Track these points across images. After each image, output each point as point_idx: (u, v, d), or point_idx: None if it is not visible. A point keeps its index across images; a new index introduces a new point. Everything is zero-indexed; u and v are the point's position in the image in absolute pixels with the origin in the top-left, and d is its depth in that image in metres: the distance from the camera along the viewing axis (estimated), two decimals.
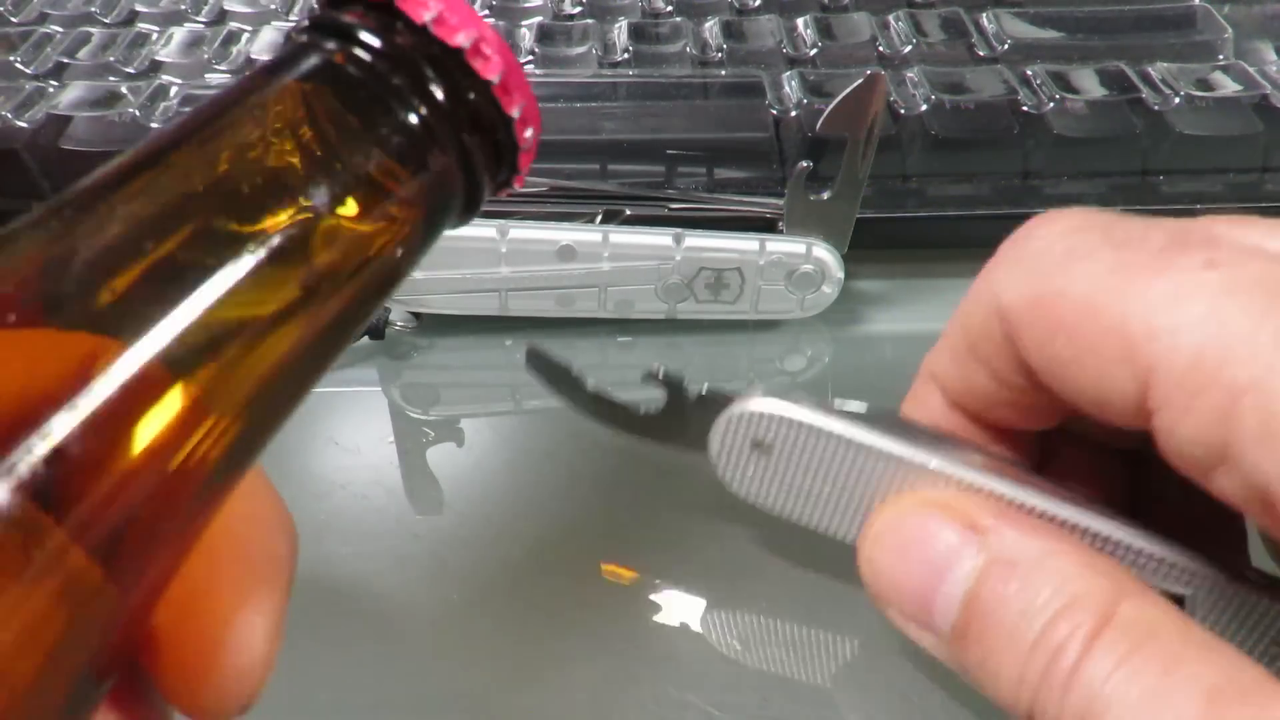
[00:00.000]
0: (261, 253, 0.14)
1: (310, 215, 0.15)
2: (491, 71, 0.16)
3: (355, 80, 0.16)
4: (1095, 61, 0.43)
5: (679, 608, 0.31)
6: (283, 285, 0.14)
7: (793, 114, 0.41)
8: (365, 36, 0.16)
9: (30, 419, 0.12)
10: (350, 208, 0.15)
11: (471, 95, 0.16)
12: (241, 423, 0.14)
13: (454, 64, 0.16)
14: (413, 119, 0.16)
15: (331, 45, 0.16)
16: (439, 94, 0.16)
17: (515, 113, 0.17)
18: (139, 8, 0.48)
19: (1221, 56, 0.44)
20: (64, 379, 0.12)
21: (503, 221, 0.37)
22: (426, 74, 0.16)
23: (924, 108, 0.41)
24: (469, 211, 0.18)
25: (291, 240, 0.15)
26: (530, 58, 0.45)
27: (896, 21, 0.46)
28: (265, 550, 0.16)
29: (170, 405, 0.13)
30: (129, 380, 0.12)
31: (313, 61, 0.16)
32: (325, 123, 0.16)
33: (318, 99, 0.16)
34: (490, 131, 0.17)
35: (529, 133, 0.17)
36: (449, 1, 0.16)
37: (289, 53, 0.16)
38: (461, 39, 0.16)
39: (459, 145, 0.16)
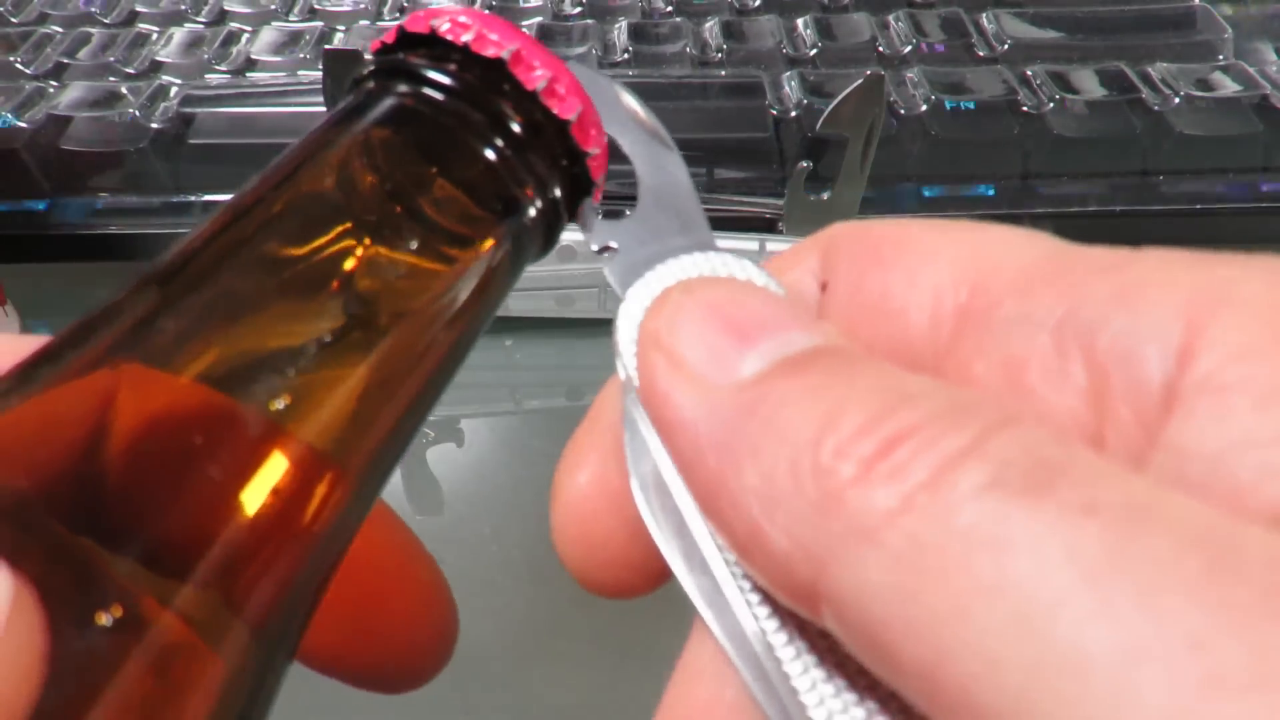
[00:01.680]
0: (365, 303, 0.14)
1: (409, 261, 0.15)
2: (592, 143, 0.17)
3: (457, 135, 0.16)
4: (1095, 61, 0.43)
5: (679, 608, 0.31)
6: (389, 330, 0.15)
7: (793, 114, 0.41)
8: (478, 97, 0.16)
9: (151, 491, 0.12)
10: (444, 252, 0.15)
11: (566, 162, 0.17)
12: (362, 467, 0.14)
13: (556, 131, 0.16)
14: (514, 176, 0.16)
15: (432, 96, 0.16)
16: (545, 159, 0.16)
17: (601, 180, 0.18)
18: (139, 8, 0.48)
19: (1221, 57, 0.44)
20: (178, 434, 0.13)
21: None
22: (529, 136, 0.16)
23: (924, 108, 0.41)
24: (548, 246, 0.18)
25: (392, 287, 0.15)
26: None
27: (896, 21, 0.46)
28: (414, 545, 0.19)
29: (288, 461, 0.13)
30: (248, 443, 0.13)
31: (410, 110, 0.16)
32: (421, 170, 0.16)
33: (413, 147, 0.16)
34: (575, 185, 0.17)
35: (602, 177, 0.18)
36: (554, 66, 0.16)
37: (373, 100, 0.16)
38: (571, 114, 0.16)
39: (550, 202, 0.17)
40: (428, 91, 0.16)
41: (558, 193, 0.17)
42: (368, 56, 0.17)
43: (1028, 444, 0.10)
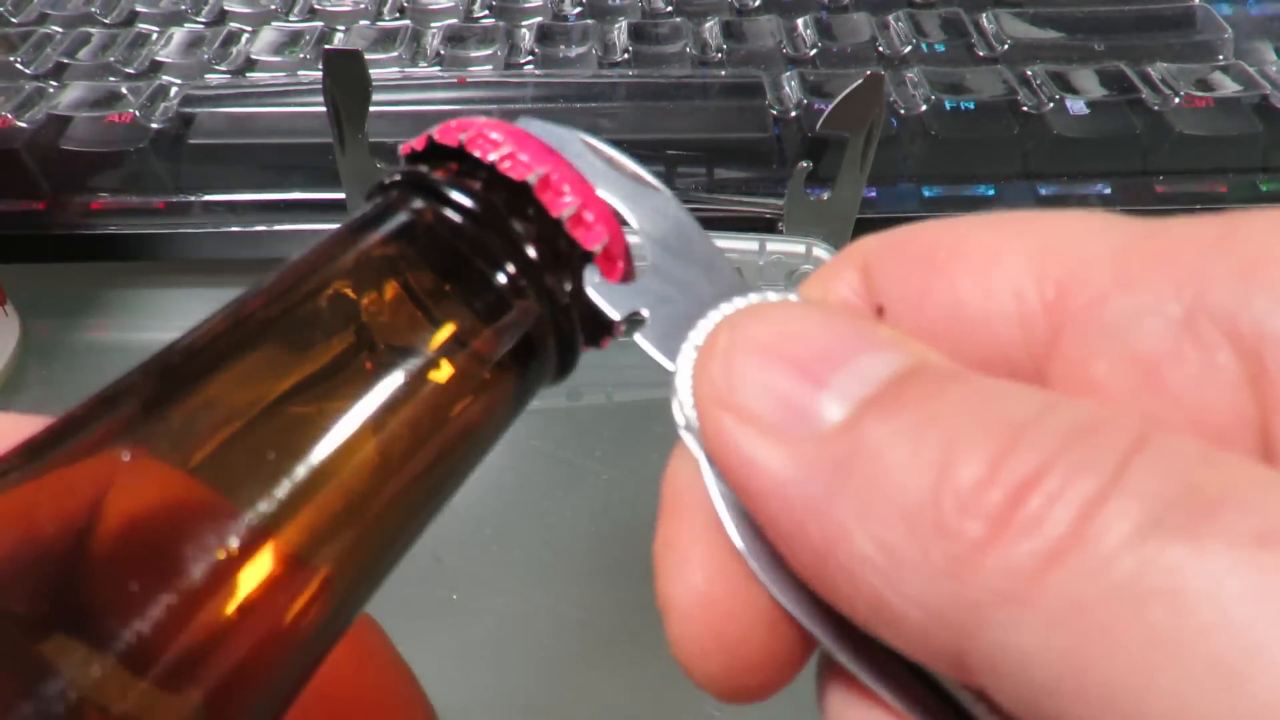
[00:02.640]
0: (365, 416, 0.14)
1: (414, 380, 0.14)
2: (617, 276, 0.16)
3: (474, 260, 0.15)
4: (1095, 62, 0.43)
5: None
6: (398, 448, 0.14)
7: (793, 114, 0.41)
8: (499, 223, 0.15)
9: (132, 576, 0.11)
10: (453, 373, 0.15)
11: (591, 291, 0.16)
12: (335, 584, 0.13)
13: (581, 261, 0.15)
14: (530, 305, 0.15)
15: (452, 219, 0.15)
16: (565, 288, 0.15)
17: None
18: (139, 8, 0.48)
19: (1221, 57, 0.44)
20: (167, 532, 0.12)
21: None
22: (550, 265, 0.15)
23: (924, 108, 0.41)
24: (564, 372, 0.17)
25: (395, 404, 0.14)
26: (530, 58, 0.45)
27: (896, 21, 0.46)
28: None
29: (267, 566, 0.12)
30: (234, 541, 0.12)
31: (429, 229, 0.15)
32: (436, 292, 0.15)
33: (429, 268, 0.15)
34: (598, 313, 0.16)
35: None
36: (584, 192, 0.15)
37: (393, 212, 0.15)
38: (597, 244, 0.15)
39: (568, 329, 0.16)
40: (448, 213, 0.15)
41: (576, 320, 0.16)
42: (396, 168, 0.16)
43: (1174, 470, 0.09)
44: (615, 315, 0.15)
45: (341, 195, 0.38)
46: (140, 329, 0.41)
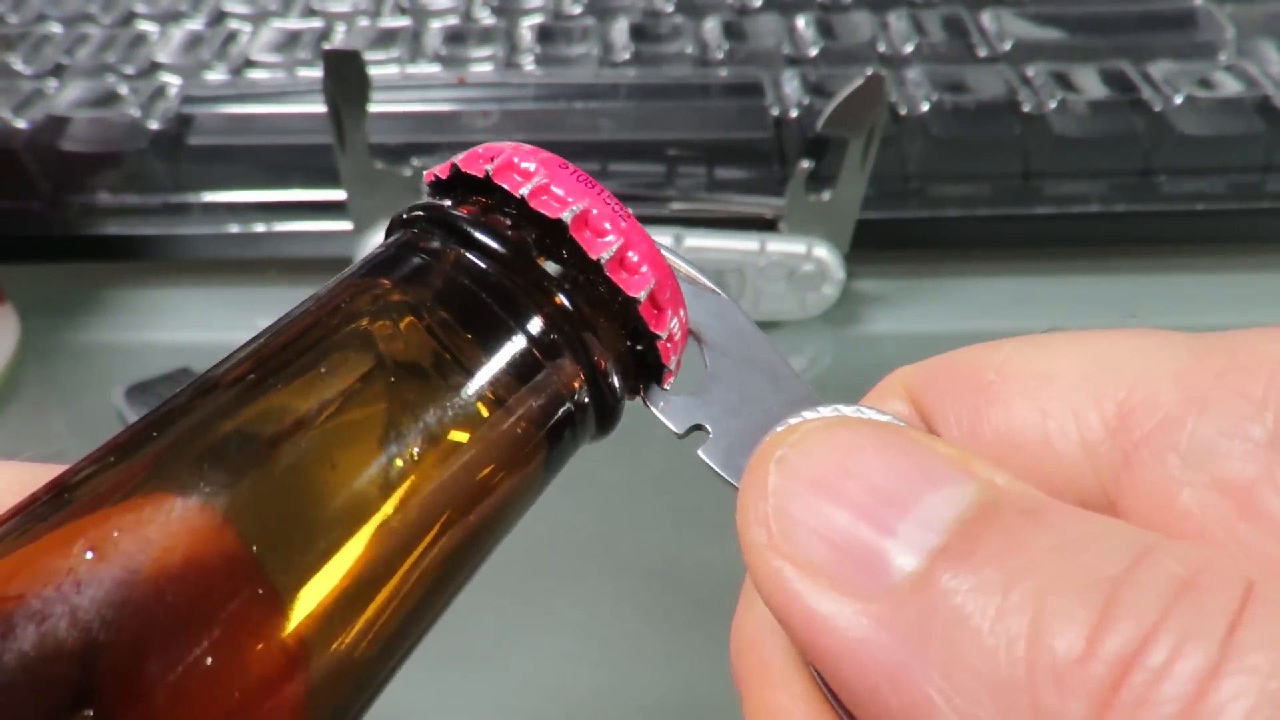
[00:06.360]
0: (404, 469, 0.12)
1: (433, 444, 0.13)
2: (664, 324, 0.14)
3: (498, 310, 0.13)
4: (1096, 61, 0.43)
5: (678, 608, 0.31)
6: (421, 509, 0.13)
7: (793, 114, 0.41)
8: (528, 266, 0.14)
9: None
10: (476, 436, 0.13)
11: (639, 347, 0.14)
12: (352, 660, 0.12)
13: (622, 309, 0.14)
14: (562, 359, 0.14)
15: (476, 264, 0.13)
16: (604, 340, 0.14)
17: (672, 364, 0.15)
18: (137, 7, 0.48)
19: (1223, 56, 0.44)
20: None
21: None
22: (586, 314, 0.14)
23: (924, 108, 0.41)
24: (604, 430, 0.15)
25: (413, 468, 0.13)
26: (530, 57, 0.45)
27: (897, 21, 0.46)
28: None
29: (275, 633, 0.11)
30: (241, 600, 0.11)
31: (449, 274, 0.14)
32: (462, 339, 0.13)
33: (449, 317, 0.13)
34: (642, 367, 0.15)
35: (675, 362, 0.15)
36: (628, 231, 0.14)
37: (412, 252, 0.14)
38: (640, 290, 0.14)
39: (608, 389, 0.14)
40: (472, 257, 0.13)
41: (617, 378, 0.14)
42: (418, 202, 0.14)
43: None
44: (677, 430, 0.14)
45: (341, 195, 0.38)
46: (139, 329, 0.41)
